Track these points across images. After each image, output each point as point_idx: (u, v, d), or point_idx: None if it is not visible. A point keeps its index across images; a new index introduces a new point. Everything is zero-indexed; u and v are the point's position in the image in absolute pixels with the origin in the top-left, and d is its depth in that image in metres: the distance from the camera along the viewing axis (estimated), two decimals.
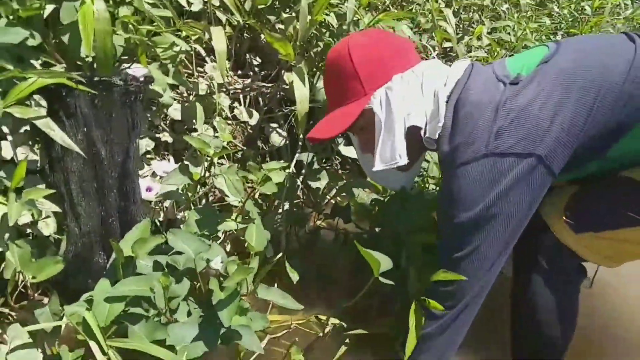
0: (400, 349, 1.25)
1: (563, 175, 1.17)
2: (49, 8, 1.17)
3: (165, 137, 1.53)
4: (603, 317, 1.61)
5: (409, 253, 1.31)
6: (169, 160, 1.52)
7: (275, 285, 1.34)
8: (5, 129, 1.14)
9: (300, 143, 1.65)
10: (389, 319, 1.34)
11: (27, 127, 1.20)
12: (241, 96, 1.78)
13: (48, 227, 1.17)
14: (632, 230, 1.14)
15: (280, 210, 1.56)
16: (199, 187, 1.48)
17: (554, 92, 1.12)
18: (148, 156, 1.48)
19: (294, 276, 1.40)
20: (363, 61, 1.25)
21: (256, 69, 1.91)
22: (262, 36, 1.91)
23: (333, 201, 1.68)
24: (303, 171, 1.72)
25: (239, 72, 1.87)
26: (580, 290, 1.31)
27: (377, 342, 1.34)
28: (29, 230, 1.17)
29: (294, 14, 1.76)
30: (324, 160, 1.90)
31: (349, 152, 1.79)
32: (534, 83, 1.14)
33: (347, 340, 1.33)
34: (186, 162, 1.39)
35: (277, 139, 1.77)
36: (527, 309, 1.28)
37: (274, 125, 1.82)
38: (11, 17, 1.13)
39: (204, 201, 1.58)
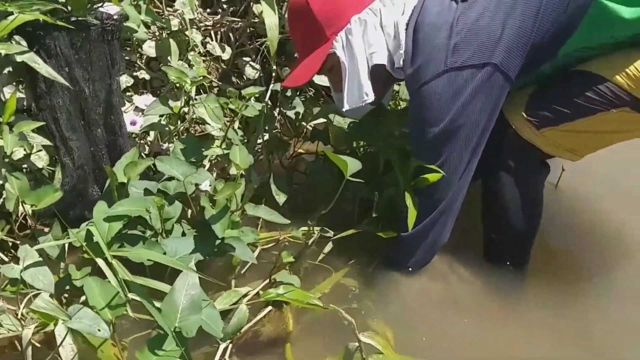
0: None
1: (520, 80, 1.26)
2: None
3: (143, 74, 1.58)
4: (566, 216, 1.73)
5: (387, 157, 1.41)
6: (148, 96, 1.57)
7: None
8: None
9: (273, 74, 1.71)
10: (370, 220, 1.44)
11: (10, 69, 1.24)
12: (212, 32, 1.82)
13: (41, 160, 1.23)
14: (588, 119, 1.24)
15: (260, 140, 1.63)
16: (179, 122, 1.54)
17: (502, 3, 1.21)
18: (128, 93, 1.53)
19: (280, 198, 1.49)
20: (321, 6, 1.31)
21: (224, 5, 1.94)
22: None
23: (311, 127, 1.75)
24: (278, 103, 1.78)
25: (208, 10, 1.90)
26: (545, 186, 1.43)
27: (361, 242, 1.45)
28: (23, 166, 1.22)
29: None
30: (298, 92, 1.95)
31: (322, 80, 1.85)
32: None
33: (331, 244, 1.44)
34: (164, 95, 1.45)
35: (251, 71, 1.82)
36: (497, 204, 1.39)
37: (247, 59, 1.86)
38: None
39: (185, 135, 1.63)
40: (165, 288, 1.04)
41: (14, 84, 1.25)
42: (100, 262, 1.03)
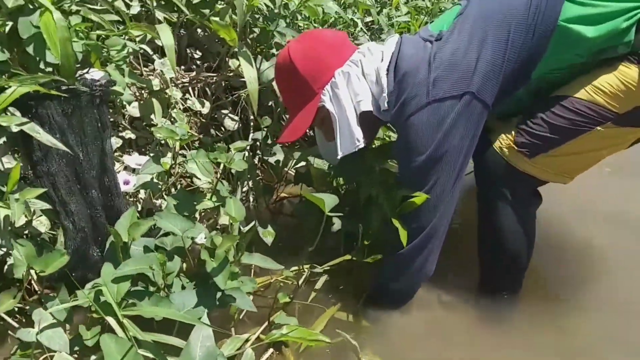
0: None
1: (498, 106, 1.38)
2: (9, 25, 1.25)
3: (128, 134, 1.63)
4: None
5: (368, 192, 1.50)
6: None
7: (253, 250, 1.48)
8: None
9: (252, 124, 1.79)
10: (356, 251, 1.52)
11: (4, 139, 1.28)
12: (190, 88, 1.89)
13: (42, 225, 1.27)
14: (576, 140, 1.37)
15: (245, 188, 1.69)
16: (168, 178, 1.59)
17: (474, 37, 1.34)
18: (116, 154, 1.58)
19: (268, 239, 1.55)
20: (305, 64, 1.42)
21: (198, 62, 2.02)
22: (199, 30, 2.02)
23: (292, 172, 1.83)
24: (258, 151, 1.86)
25: (182, 67, 1.97)
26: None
27: (349, 278, 1.57)
28: (25, 232, 1.25)
29: (226, 5, 1.88)
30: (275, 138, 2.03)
31: None
32: (454, 34, 1.36)
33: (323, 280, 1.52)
34: (155, 154, 1.50)
35: (230, 123, 1.89)
36: (494, 234, 1.50)
37: (225, 111, 1.94)
38: None
39: (173, 190, 1.68)
40: (177, 342, 1.09)
41: (10, 153, 1.29)
42: (110, 320, 1.07)
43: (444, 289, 1.60)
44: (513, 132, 1.43)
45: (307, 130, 1.53)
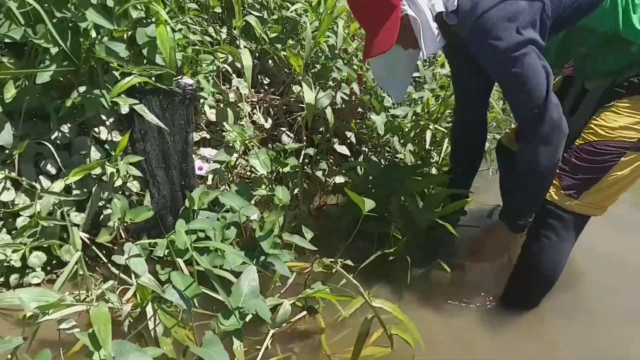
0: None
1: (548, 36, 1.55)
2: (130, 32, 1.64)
3: (204, 134, 1.98)
4: None
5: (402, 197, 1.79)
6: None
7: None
8: (103, 117, 1.59)
9: (304, 142, 2.12)
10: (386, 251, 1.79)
11: (113, 118, 1.65)
12: (257, 106, 2.24)
13: (134, 187, 1.60)
14: (608, 175, 1.63)
15: (294, 191, 2.01)
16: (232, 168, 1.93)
17: None
18: (194, 147, 1.92)
19: (308, 235, 1.84)
20: None
21: (266, 86, 2.38)
22: (270, 61, 2.40)
23: (333, 183, 2.15)
24: (306, 166, 2.19)
25: (253, 89, 2.34)
26: None
27: (380, 269, 1.81)
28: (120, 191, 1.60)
29: (296, 42, 2.26)
30: (324, 158, 2.36)
31: (343, 150, 2.26)
32: None
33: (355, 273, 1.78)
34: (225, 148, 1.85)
35: (287, 139, 2.23)
36: (536, 263, 1.76)
37: (283, 128, 2.28)
38: (110, 36, 1.57)
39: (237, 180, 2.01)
40: (230, 277, 1.37)
41: (117, 130, 1.65)
42: (179, 261, 1.38)
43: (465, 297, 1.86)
44: (557, 179, 1.68)
45: None
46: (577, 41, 1.66)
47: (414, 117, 2.54)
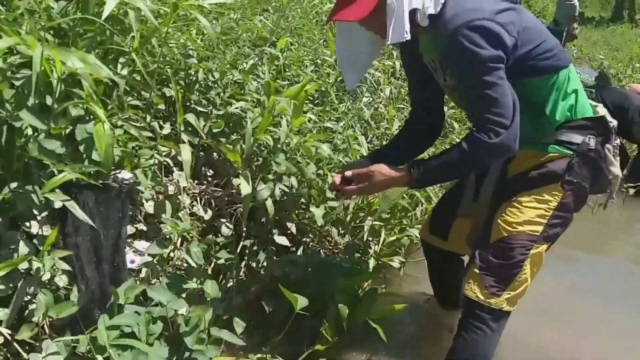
0: None
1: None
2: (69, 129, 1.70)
3: (141, 226, 2.02)
4: None
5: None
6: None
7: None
8: (35, 212, 1.62)
9: (243, 233, 2.18)
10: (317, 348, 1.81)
11: (46, 212, 1.67)
12: (198, 198, 2.30)
13: (62, 281, 1.61)
14: (525, 269, 1.78)
15: (230, 284, 2.04)
16: (166, 263, 1.95)
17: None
18: (128, 239, 1.95)
19: (238, 328, 1.85)
20: None
21: (209, 178, 2.45)
22: (215, 154, 2.48)
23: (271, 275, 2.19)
24: (245, 257, 2.23)
25: (196, 181, 2.40)
26: None
27: None
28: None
29: (239, 137, 2.35)
30: (263, 250, 2.40)
31: (282, 241, 2.31)
32: None
33: None
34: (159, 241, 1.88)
35: (226, 230, 2.28)
36: (467, 353, 1.85)
37: (223, 220, 2.33)
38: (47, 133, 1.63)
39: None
40: None
41: (48, 224, 1.68)
42: (99, 358, 1.38)
43: None
44: (478, 280, 1.78)
45: None
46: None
47: (354, 208, 2.62)
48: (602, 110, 1.79)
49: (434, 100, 2.05)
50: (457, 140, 3.40)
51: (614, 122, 1.79)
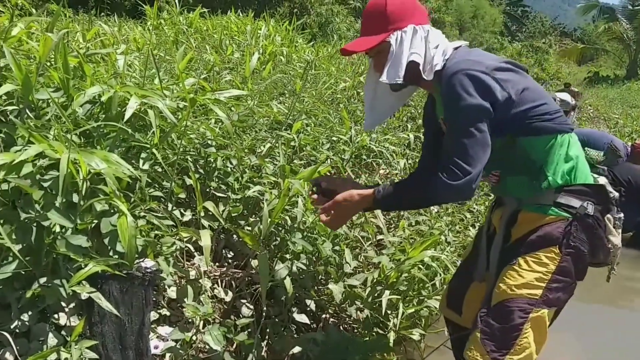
0: None
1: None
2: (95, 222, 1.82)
3: (165, 311, 2.09)
4: None
5: None
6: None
7: None
8: (63, 304, 1.71)
9: (263, 313, 2.23)
10: None
11: (74, 304, 1.77)
12: (219, 280, 2.38)
13: None
14: (525, 332, 1.77)
15: None
16: (189, 347, 2.01)
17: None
18: (152, 325, 2.02)
19: None
20: (392, 9, 1.82)
21: (230, 260, 2.54)
22: (235, 236, 2.57)
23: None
24: (266, 336, 2.27)
25: (217, 263, 2.49)
26: None
27: None
28: None
29: (258, 219, 2.45)
30: (283, 329, 2.44)
31: (302, 318, 2.36)
32: None
33: None
34: (181, 326, 1.95)
35: (247, 310, 2.34)
36: None
37: (244, 300, 2.39)
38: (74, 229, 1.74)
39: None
40: None
41: (76, 314, 1.76)
42: None
43: None
44: (479, 345, 1.79)
45: None
46: (510, 153, 1.85)
47: (372, 283, 2.66)
48: (602, 180, 1.85)
49: None
50: None
51: (614, 194, 1.84)
